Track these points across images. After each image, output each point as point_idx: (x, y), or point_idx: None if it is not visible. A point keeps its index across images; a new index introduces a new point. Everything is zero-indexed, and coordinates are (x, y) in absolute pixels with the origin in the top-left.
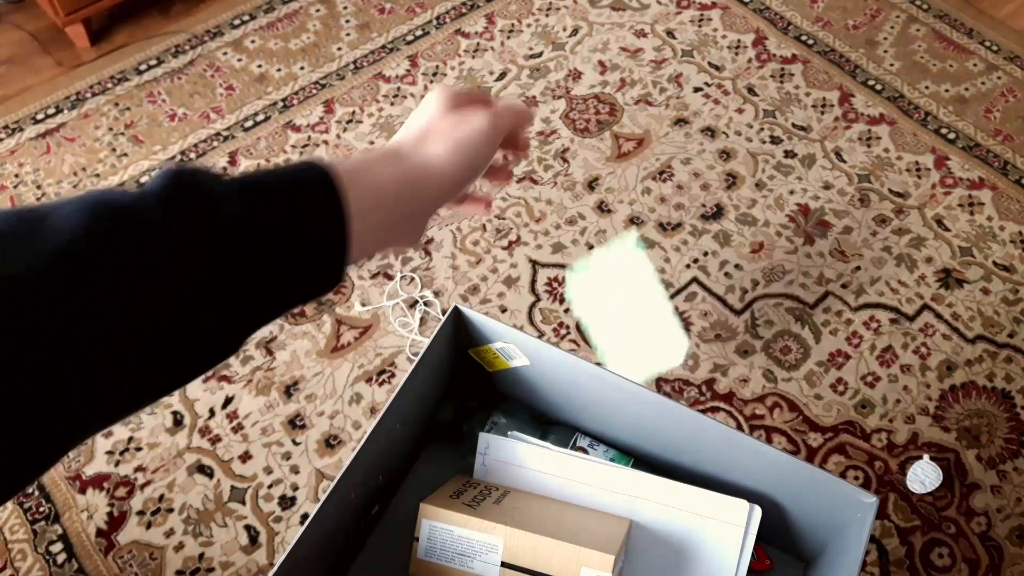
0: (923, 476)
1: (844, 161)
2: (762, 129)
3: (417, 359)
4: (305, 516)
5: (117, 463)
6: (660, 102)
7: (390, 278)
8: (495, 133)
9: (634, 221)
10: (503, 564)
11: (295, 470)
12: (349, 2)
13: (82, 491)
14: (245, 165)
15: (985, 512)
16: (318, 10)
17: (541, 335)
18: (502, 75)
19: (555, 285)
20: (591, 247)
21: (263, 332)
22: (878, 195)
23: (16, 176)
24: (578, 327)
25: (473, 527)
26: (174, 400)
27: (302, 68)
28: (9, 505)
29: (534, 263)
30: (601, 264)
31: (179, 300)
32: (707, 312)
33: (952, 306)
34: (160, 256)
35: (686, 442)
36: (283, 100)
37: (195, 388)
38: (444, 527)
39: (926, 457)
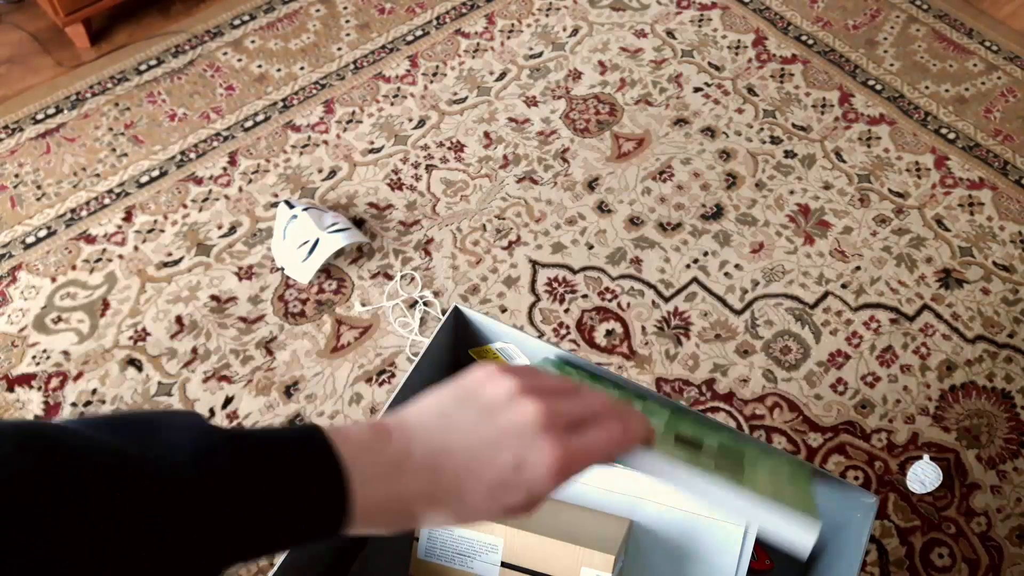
0: (923, 476)
1: (844, 161)
2: (762, 129)
3: (417, 359)
4: None
5: None
6: (660, 102)
7: (390, 278)
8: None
9: (634, 221)
10: (503, 564)
11: None
12: (349, 2)
13: None
14: (245, 165)
15: (985, 512)
16: (318, 10)
17: (541, 335)
18: (502, 75)
19: (555, 285)
20: (591, 247)
21: (263, 332)
22: (878, 195)
23: (16, 176)
24: (578, 326)
25: (474, 527)
26: (174, 400)
27: (302, 68)
28: None
29: (534, 263)
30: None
31: (160, 537)
32: (707, 312)
33: (952, 306)
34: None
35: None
36: (283, 100)
37: (195, 388)
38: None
39: (926, 457)
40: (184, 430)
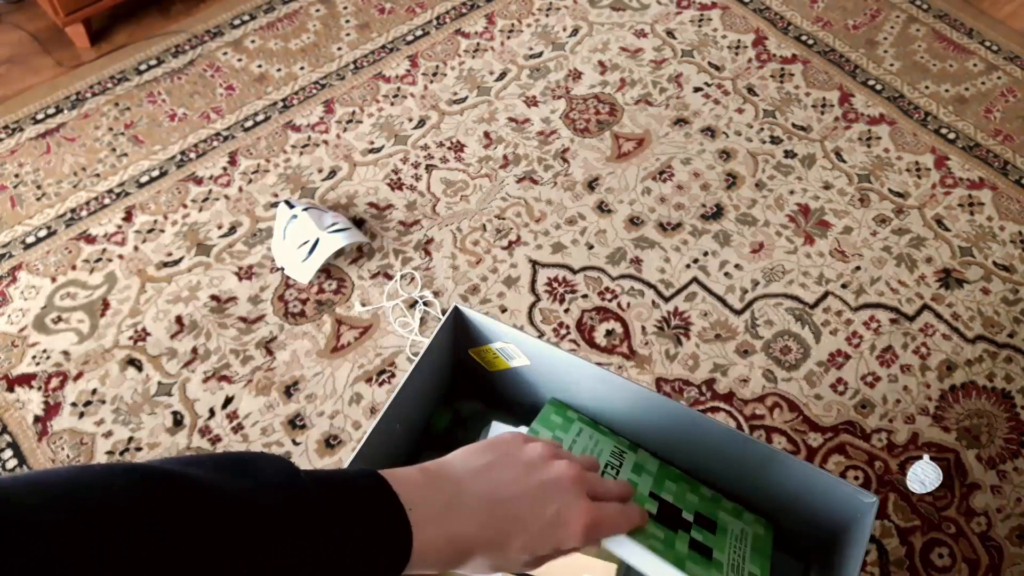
0: (923, 476)
1: (844, 161)
2: (762, 129)
3: (417, 359)
4: None
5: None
6: (660, 102)
7: (390, 278)
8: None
9: (634, 221)
10: None
11: None
12: (349, 2)
13: None
14: (245, 165)
15: (985, 512)
16: (318, 10)
17: (541, 335)
18: (502, 75)
19: (555, 285)
20: (591, 247)
21: (263, 332)
22: (878, 195)
23: (16, 176)
24: (578, 326)
25: None
26: (174, 400)
27: (302, 68)
28: None
29: (534, 263)
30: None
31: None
32: (707, 312)
33: (952, 306)
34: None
35: (686, 442)
36: (283, 100)
37: (195, 388)
38: None
39: (926, 457)
40: (274, 469)
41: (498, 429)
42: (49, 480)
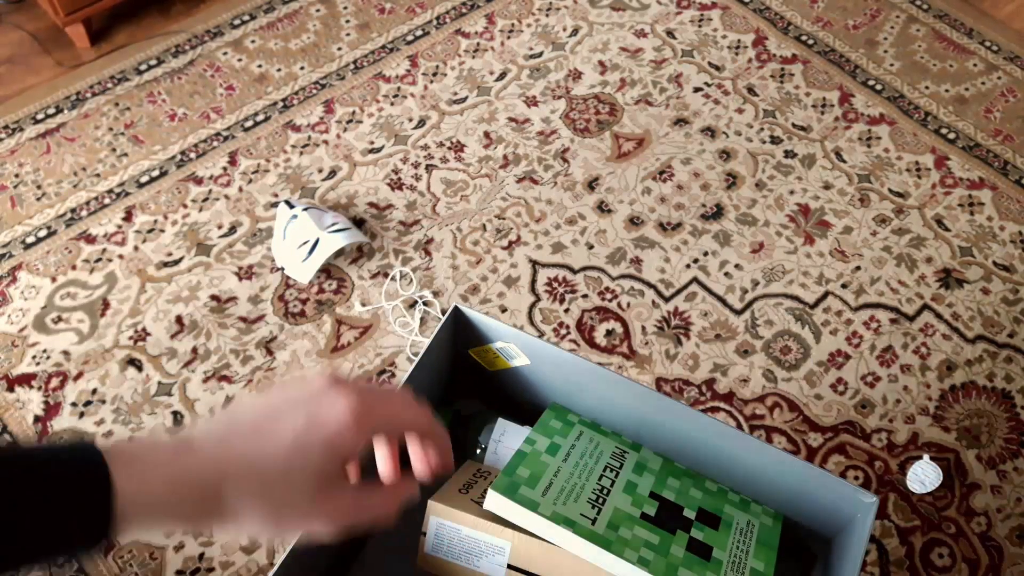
0: (923, 476)
1: (844, 161)
2: (762, 129)
3: (417, 359)
4: None
5: None
6: (660, 102)
7: (390, 278)
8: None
9: (634, 221)
10: (509, 567)
11: None
12: (349, 2)
13: None
14: (245, 165)
15: (985, 512)
16: (318, 10)
17: (541, 335)
18: (502, 75)
19: (555, 285)
20: (591, 247)
21: (263, 332)
22: (878, 195)
23: (16, 176)
24: (578, 326)
25: (482, 528)
26: (174, 400)
27: (302, 68)
28: None
29: (534, 263)
30: None
31: None
32: (707, 312)
33: (952, 306)
34: None
35: (686, 442)
36: (283, 100)
37: (195, 388)
38: (452, 525)
39: (926, 457)
40: None
41: (504, 427)
42: None
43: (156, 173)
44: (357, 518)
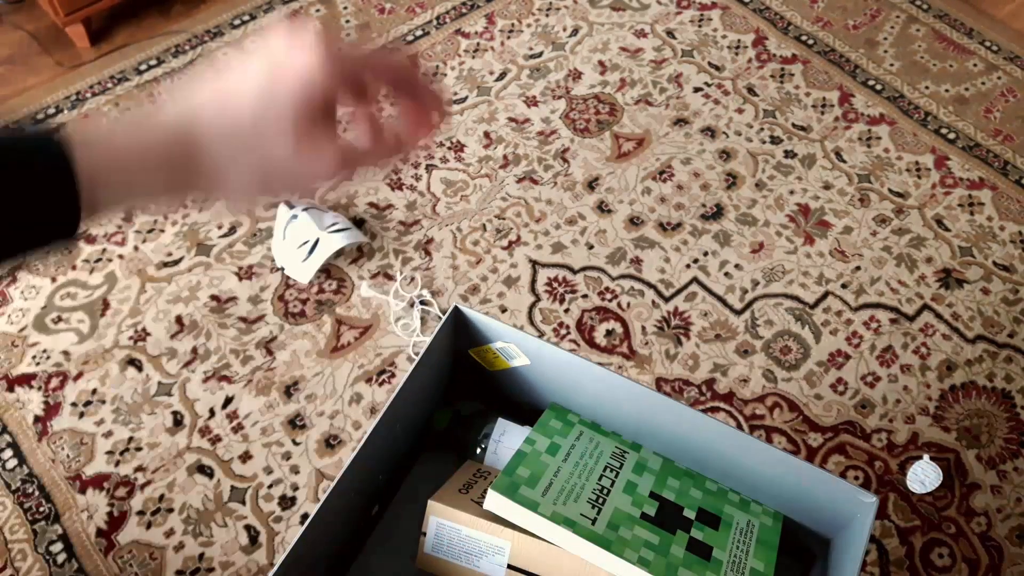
0: (923, 476)
1: (844, 161)
2: (762, 129)
3: (417, 359)
4: (305, 516)
5: (117, 463)
6: (660, 102)
7: (390, 278)
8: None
9: (634, 221)
10: (509, 567)
11: (295, 470)
12: (349, 2)
13: (82, 491)
14: None
15: (985, 512)
16: (318, 10)
17: (541, 335)
18: (502, 75)
19: (555, 285)
20: (591, 247)
21: (263, 332)
22: (878, 195)
23: None
24: (578, 326)
25: (481, 528)
26: (174, 400)
27: None
28: (9, 505)
29: (534, 263)
30: None
31: None
32: (707, 312)
33: (952, 306)
34: None
35: (686, 442)
36: None
37: (195, 388)
38: (452, 526)
39: (926, 457)
40: None
41: (504, 427)
42: None
43: None
44: (346, 166)
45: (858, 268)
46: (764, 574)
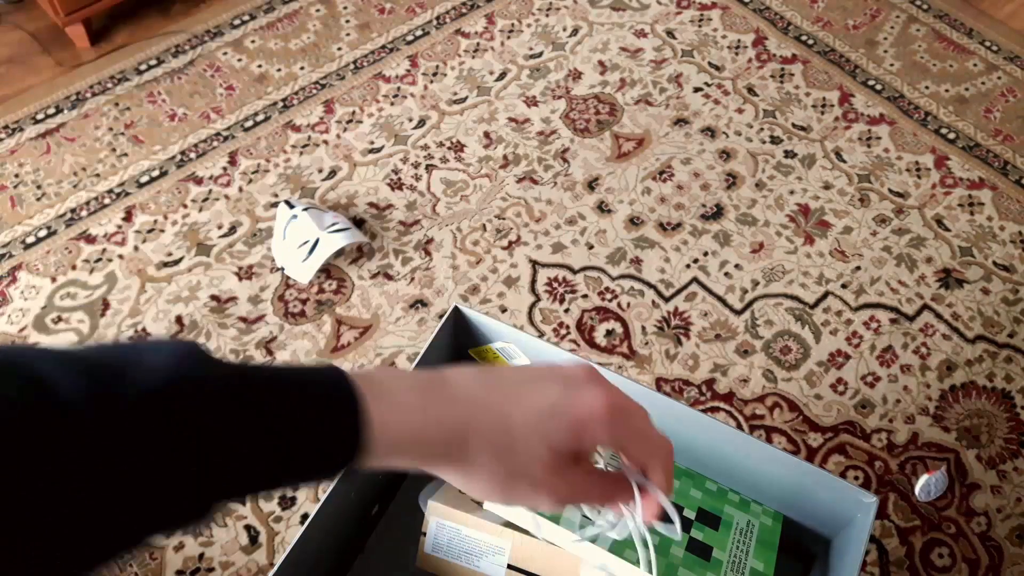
0: (932, 487)
1: (844, 161)
2: (762, 129)
3: (417, 359)
4: (305, 516)
5: None
6: (660, 102)
7: (390, 278)
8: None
9: (634, 221)
10: (509, 567)
11: None
12: (349, 2)
13: None
14: (245, 165)
15: (985, 512)
16: (318, 10)
17: (541, 335)
18: (502, 75)
19: (555, 285)
20: (591, 247)
21: (263, 332)
22: (878, 195)
23: (16, 176)
24: (578, 326)
25: (482, 528)
26: None
27: (302, 68)
28: None
29: (534, 263)
30: None
31: (154, 466)
32: (707, 312)
33: (952, 306)
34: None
35: (686, 442)
36: (283, 100)
37: None
38: (452, 526)
39: (942, 470)
40: (168, 353)
41: None
42: None
43: (156, 173)
44: (575, 500)
45: (858, 268)
46: (764, 574)
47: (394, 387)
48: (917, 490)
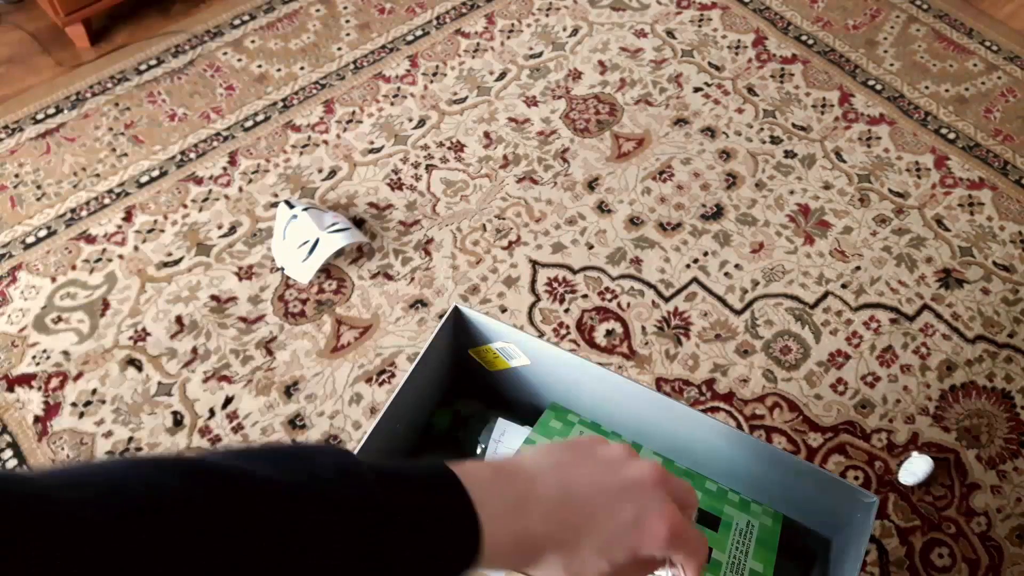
0: (915, 468)
1: (844, 161)
2: (762, 129)
3: (417, 359)
4: None
5: None
6: (660, 102)
7: (390, 278)
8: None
9: (634, 221)
10: None
11: None
12: (349, 2)
13: None
14: (245, 165)
15: (985, 512)
16: (318, 10)
17: (541, 335)
18: (502, 75)
19: (555, 285)
20: (591, 247)
21: (263, 332)
22: (878, 195)
23: (16, 176)
24: (578, 326)
25: None
26: (174, 400)
27: (302, 68)
28: None
29: (534, 263)
30: None
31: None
32: (707, 312)
33: (952, 306)
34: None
35: (686, 442)
36: (283, 100)
37: (195, 388)
38: None
39: (915, 453)
40: (333, 461)
41: (504, 427)
42: (90, 475)
43: (156, 173)
44: None
45: (858, 268)
46: (763, 575)
47: (488, 497)
48: (901, 477)
